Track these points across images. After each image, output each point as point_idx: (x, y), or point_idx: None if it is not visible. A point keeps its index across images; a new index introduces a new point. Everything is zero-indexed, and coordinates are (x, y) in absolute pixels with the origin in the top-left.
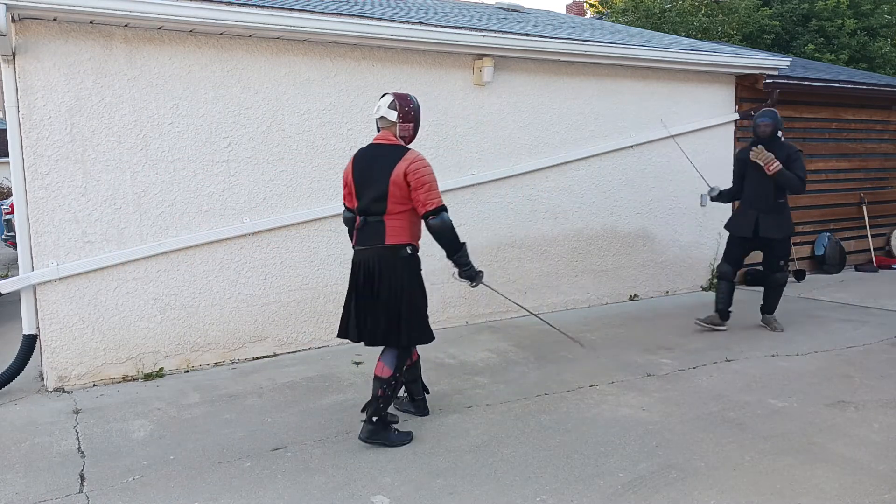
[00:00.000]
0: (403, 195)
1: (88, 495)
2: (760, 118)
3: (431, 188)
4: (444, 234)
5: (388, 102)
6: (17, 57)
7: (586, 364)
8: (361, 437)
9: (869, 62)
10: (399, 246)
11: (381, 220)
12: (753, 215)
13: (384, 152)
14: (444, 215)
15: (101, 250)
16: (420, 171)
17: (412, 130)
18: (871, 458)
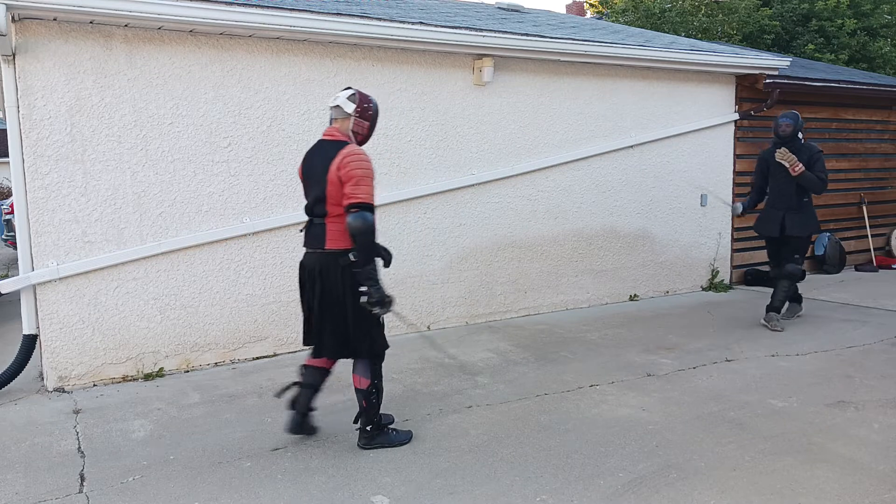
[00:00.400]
0: (340, 195)
1: (88, 495)
2: (782, 118)
3: (361, 182)
4: (363, 236)
5: (349, 95)
6: (17, 57)
7: (586, 364)
8: (360, 445)
9: (869, 62)
10: (339, 252)
11: (323, 223)
12: (779, 215)
13: (326, 148)
14: (366, 214)
15: (101, 250)
16: (353, 164)
17: (367, 130)
18: (871, 458)
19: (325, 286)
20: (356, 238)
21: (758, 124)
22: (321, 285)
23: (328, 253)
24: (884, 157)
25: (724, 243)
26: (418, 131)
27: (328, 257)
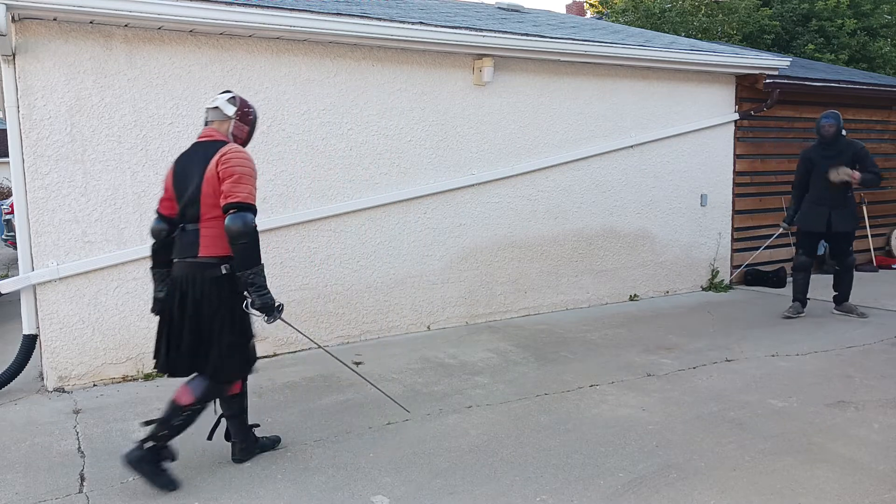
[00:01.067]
0: (217, 194)
1: (88, 495)
2: (824, 119)
3: (241, 180)
4: (243, 239)
5: (228, 97)
6: (17, 57)
7: (586, 364)
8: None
9: (869, 62)
10: (212, 262)
11: (197, 228)
12: (826, 212)
13: (205, 147)
14: (247, 215)
15: (101, 250)
16: (232, 161)
17: (247, 135)
18: (871, 458)
19: (194, 297)
20: (235, 241)
21: (758, 124)
22: (191, 296)
23: (200, 262)
24: (884, 157)
25: (724, 243)
26: (418, 131)
27: (199, 267)
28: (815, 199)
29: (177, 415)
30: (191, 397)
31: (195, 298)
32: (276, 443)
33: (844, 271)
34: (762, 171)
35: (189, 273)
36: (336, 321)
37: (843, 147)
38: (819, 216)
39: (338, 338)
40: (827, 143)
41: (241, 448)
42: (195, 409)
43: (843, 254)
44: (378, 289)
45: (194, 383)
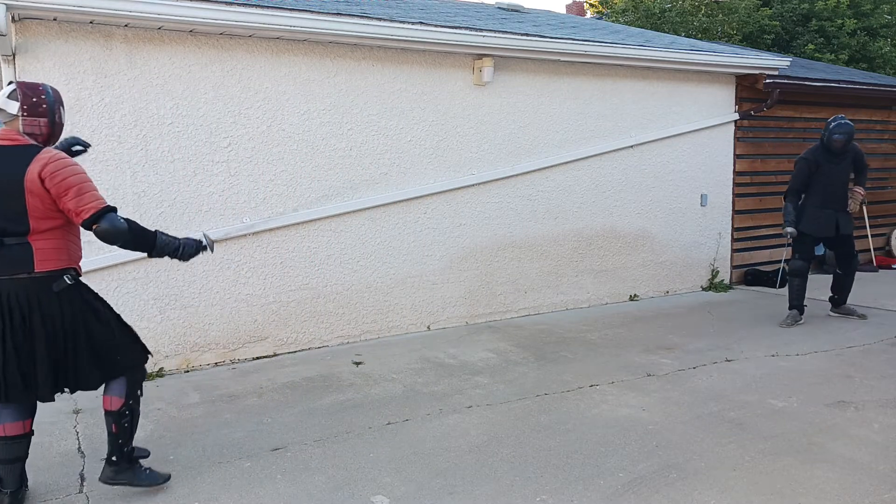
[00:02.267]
0: (48, 208)
1: (88, 495)
2: (836, 134)
3: (81, 190)
4: (119, 238)
5: (9, 92)
6: (17, 57)
7: (586, 364)
8: (102, 479)
9: (869, 62)
10: (54, 274)
11: (26, 243)
12: (832, 215)
13: (10, 154)
14: (110, 217)
15: (100, 250)
16: (59, 174)
17: (47, 127)
18: (871, 458)
19: (45, 316)
20: (117, 240)
21: (758, 124)
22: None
23: (39, 277)
24: (884, 157)
25: (724, 243)
26: (418, 131)
27: (39, 282)
28: (820, 204)
29: (120, 419)
30: (119, 400)
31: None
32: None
33: (848, 275)
34: (762, 171)
35: (29, 289)
36: (336, 321)
37: (849, 151)
38: (828, 220)
39: (338, 338)
40: (838, 156)
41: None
42: (131, 405)
43: (851, 257)
44: (378, 289)
45: (114, 387)
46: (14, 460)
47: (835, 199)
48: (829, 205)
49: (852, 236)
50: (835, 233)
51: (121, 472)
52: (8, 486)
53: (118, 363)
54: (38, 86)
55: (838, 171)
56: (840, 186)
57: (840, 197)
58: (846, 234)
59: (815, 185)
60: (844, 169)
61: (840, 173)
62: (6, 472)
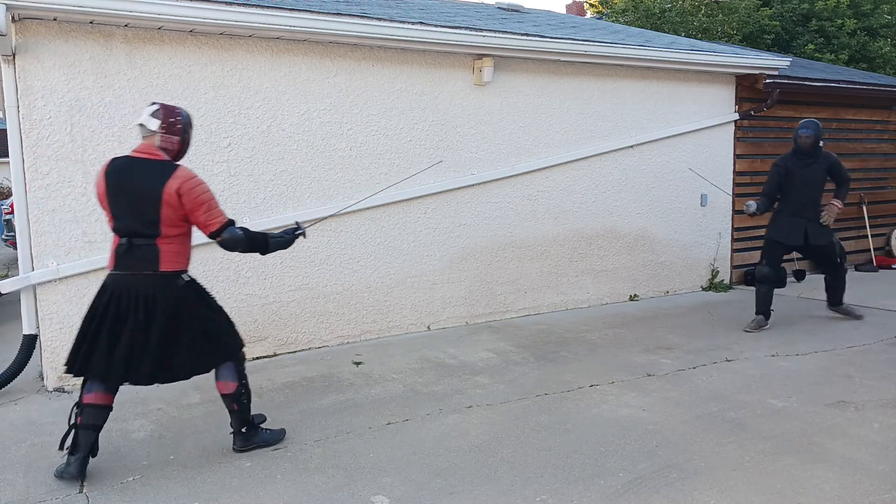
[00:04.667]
0: (178, 217)
1: (88, 495)
2: (802, 130)
3: (211, 207)
4: (239, 245)
5: (152, 111)
6: (17, 57)
7: (586, 364)
8: (237, 448)
9: (869, 62)
10: (174, 274)
11: (154, 245)
12: (802, 224)
13: (148, 167)
14: (230, 230)
15: (101, 250)
16: (195, 192)
17: (178, 144)
18: (871, 458)
19: (165, 309)
20: (237, 248)
21: (758, 124)
22: (159, 309)
23: (164, 275)
24: (884, 157)
25: (724, 243)
26: (418, 131)
27: (163, 279)
28: (791, 211)
29: (238, 399)
30: (233, 384)
31: (172, 307)
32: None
33: (836, 280)
34: (762, 171)
35: (153, 286)
36: (336, 321)
37: (821, 157)
38: (796, 228)
39: (338, 338)
40: (806, 155)
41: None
42: (243, 384)
43: (834, 267)
44: (378, 289)
45: (224, 374)
46: (94, 427)
47: (807, 208)
48: (801, 213)
49: (831, 246)
50: (803, 241)
51: (249, 439)
52: (80, 451)
53: (227, 346)
54: (176, 108)
55: (810, 176)
56: (813, 195)
57: (812, 206)
58: (819, 245)
59: (788, 191)
60: (816, 176)
61: (813, 180)
62: (84, 438)
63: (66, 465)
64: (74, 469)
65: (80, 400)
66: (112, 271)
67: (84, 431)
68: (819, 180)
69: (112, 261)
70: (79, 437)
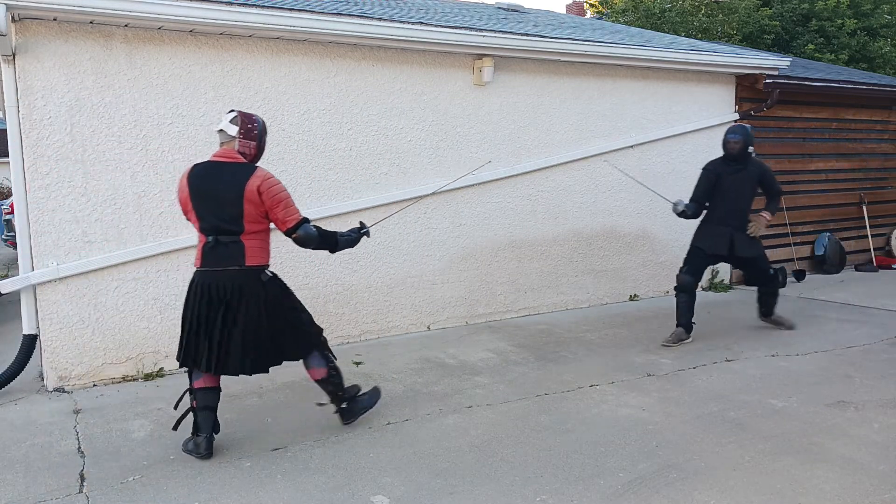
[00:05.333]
0: (259, 214)
1: (88, 495)
2: (730, 135)
3: (288, 204)
4: (312, 242)
5: (231, 118)
6: (17, 57)
7: (586, 364)
8: (346, 422)
9: (869, 62)
10: (259, 268)
11: (239, 241)
12: (728, 233)
13: (229, 169)
14: (305, 227)
15: (101, 250)
16: (274, 190)
17: (255, 149)
18: (871, 458)
19: (254, 301)
20: (309, 244)
21: (758, 124)
22: (246, 301)
23: (248, 270)
24: (884, 157)
25: None
26: (418, 131)
27: (249, 274)
28: (717, 219)
29: (332, 381)
30: (323, 370)
31: (258, 300)
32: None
33: (767, 293)
34: None
35: (240, 280)
36: (336, 321)
37: (752, 165)
38: (721, 237)
39: (338, 338)
40: (734, 161)
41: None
42: (333, 366)
43: (766, 278)
44: (378, 289)
45: (313, 362)
46: (210, 408)
47: (733, 216)
48: (727, 221)
49: (760, 258)
50: (727, 251)
51: (352, 412)
52: (204, 431)
53: (311, 335)
54: (253, 115)
55: (739, 183)
56: (741, 203)
57: (740, 215)
58: (747, 257)
59: (716, 198)
60: (745, 183)
61: (740, 188)
62: (203, 418)
63: (195, 446)
64: (204, 449)
65: (191, 386)
66: (199, 268)
67: (202, 413)
68: (747, 188)
69: (199, 258)
70: (199, 419)
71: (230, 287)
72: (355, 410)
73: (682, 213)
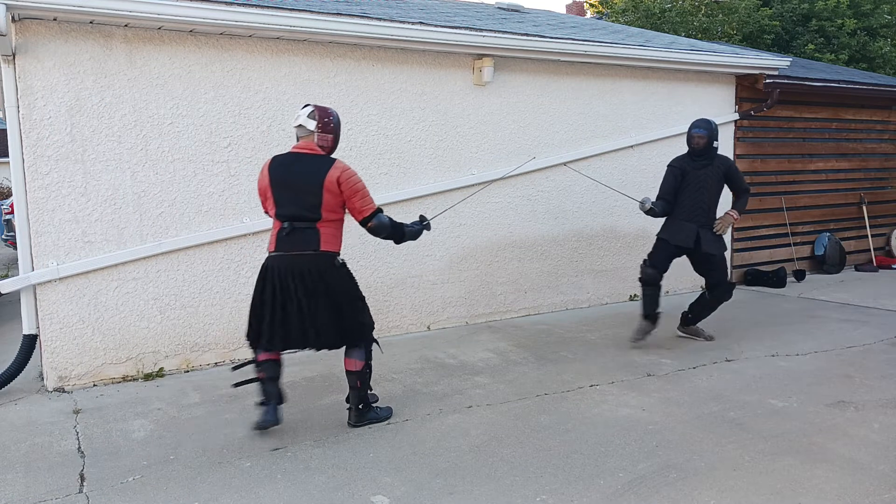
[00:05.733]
0: (337, 203)
1: (88, 495)
2: (694, 129)
3: (364, 195)
4: (384, 231)
5: (308, 112)
6: (17, 57)
7: (586, 364)
8: (352, 423)
9: (869, 62)
10: (332, 254)
11: (314, 228)
12: (693, 228)
13: (309, 161)
14: (380, 217)
15: (101, 250)
16: (352, 180)
17: (332, 142)
18: (871, 458)
19: (322, 285)
20: (381, 233)
21: (758, 124)
22: (318, 284)
23: (323, 254)
24: (884, 157)
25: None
26: (418, 131)
27: (323, 258)
28: (684, 215)
29: (363, 377)
30: (361, 363)
31: (330, 283)
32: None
33: (711, 301)
34: (762, 171)
35: (314, 263)
36: None
37: (716, 160)
38: (688, 231)
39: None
40: (699, 156)
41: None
42: (369, 364)
43: (720, 284)
44: (378, 289)
45: (355, 353)
46: (275, 378)
47: (699, 213)
48: (692, 218)
49: (722, 259)
50: (693, 244)
51: (363, 415)
52: (272, 399)
53: (365, 327)
54: (328, 109)
55: (703, 179)
56: (705, 198)
57: (705, 211)
58: (709, 254)
59: (682, 195)
60: (710, 179)
61: (705, 183)
62: (270, 387)
63: (263, 415)
64: (272, 416)
65: (256, 359)
66: (273, 252)
67: (269, 383)
68: (712, 184)
69: (273, 244)
70: (267, 388)
71: (305, 269)
72: (366, 416)
73: (649, 210)
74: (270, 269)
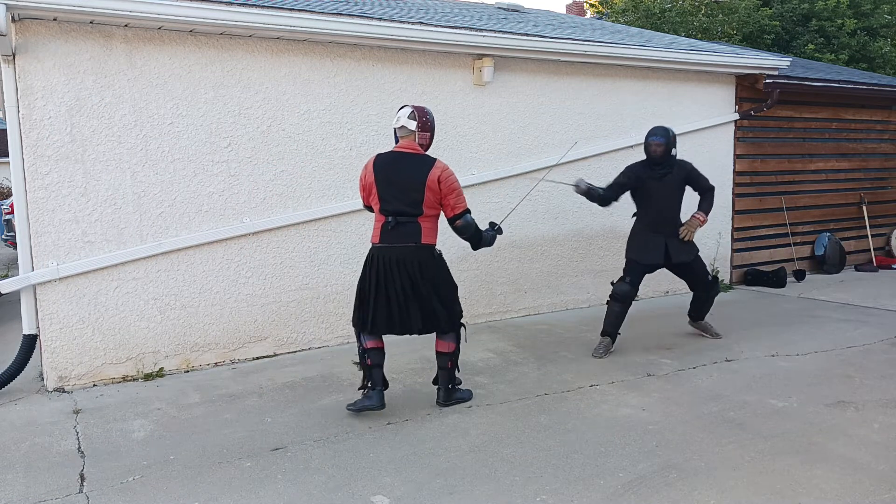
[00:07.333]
0: (436, 200)
1: (88, 495)
2: (651, 137)
3: (459, 194)
4: (468, 232)
5: (408, 113)
6: (17, 57)
7: (586, 364)
8: (441, 402)
9: (869, 62)
10: (431, 246)
11: (416, 222)
12: (661, 240)
13: (412, 160)
14: (467, 216)
15: (101, 250)
16: (451, 180)
17: (429, 139)
18: (871, 458)
19: (422, 274)
20: (465, 233)
21: (758, 124)
22: (419, 274)
23: (424, 247)
24: (884, 157)
25: (724, 243)
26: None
27: (424, 250)
28: (648, 226)
29: (453, 358)
30: (454, 345)
31: (431, 273)
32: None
33: (704, 299)
34: (762, 171)
35: (416, 255)
36: (336, 321)
37: (677, 167)
38: (656, 246)
39: (338, 338)
40: (657, 165)
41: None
42: (459, 347)
43: (704, 283)
44: None
45: (449, 336)
46: (380, 364)
47: (664, 222)
48: (657, 228)
49: (697, 262)
50: (663, 260)
51: (451, 395)
52: (378, 384)
53: (458, 314)
54: (424, 108)
55: (664, 188)
56: (669, 207)
57: (670, 221)
58: (684, 263)
59: (642, 204)
60: (671, 188)
61: (667, 193)
62: (376, 373)
63: (368, 399)
64: (377, 400)
65: (363, 346)
66: (377, 244)
67: (375, 369)
68: (674, 193)
69: (378, 236)
70: (373, 375)
71: (409, 260)
72: (453, 396)
73: (586, 192)
74: (375, 258)
